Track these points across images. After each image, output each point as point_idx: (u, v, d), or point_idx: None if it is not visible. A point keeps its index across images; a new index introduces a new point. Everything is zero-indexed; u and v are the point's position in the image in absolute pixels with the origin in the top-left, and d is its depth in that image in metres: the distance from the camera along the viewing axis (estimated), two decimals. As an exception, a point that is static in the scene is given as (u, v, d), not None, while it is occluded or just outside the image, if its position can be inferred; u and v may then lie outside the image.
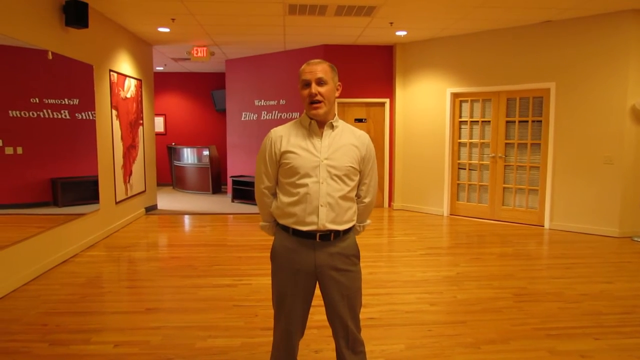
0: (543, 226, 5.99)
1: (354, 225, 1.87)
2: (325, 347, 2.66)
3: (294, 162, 1.74)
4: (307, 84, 1.74)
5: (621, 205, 5.42)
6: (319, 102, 1.73)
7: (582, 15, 5.42)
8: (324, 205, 1.73)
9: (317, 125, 1.78)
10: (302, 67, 1.78)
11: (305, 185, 1.73)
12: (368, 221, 1.98)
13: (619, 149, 5.38)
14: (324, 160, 1.74)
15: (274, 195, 1.87)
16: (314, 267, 1.79)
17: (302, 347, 2.66)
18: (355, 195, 1.87)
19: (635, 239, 5.31)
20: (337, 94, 1.81)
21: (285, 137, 1.79)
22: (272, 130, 1.84)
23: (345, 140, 1.79)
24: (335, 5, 4.97)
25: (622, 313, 3.19)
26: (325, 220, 1.73)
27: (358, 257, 1.88)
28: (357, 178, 1.82)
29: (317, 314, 3.10)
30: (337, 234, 1.78)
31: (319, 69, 1.73)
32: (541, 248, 5.12)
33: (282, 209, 1.80)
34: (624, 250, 4.92)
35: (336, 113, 1.86)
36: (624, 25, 5.25)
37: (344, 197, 1.77)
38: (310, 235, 1.76)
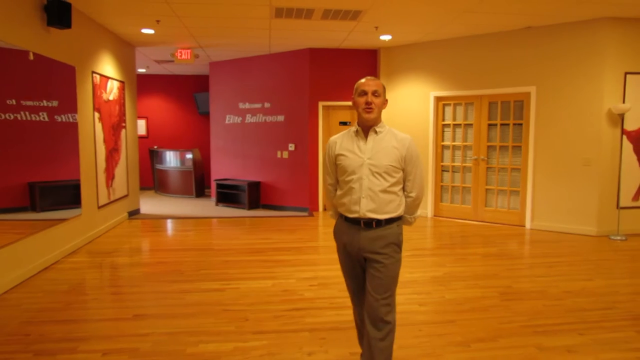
0: (524, 226, 6.13)
1: (399, 217, 2.18)
2: (317, 349, 2.66)
3: (343, 162, 2.17)
4: (364, 93, 2.14)
5: (599, 205, 5.59)
6: (372, 108, 2.14)
7: (561, 21, 5.60)
8: (365, 197, 2.11)
9: (362, 131, 2.18)
10: (361, 80, 2.19)
11: (351, 180, 2.14)
12: (418, 213, 2.31)
13: (596, 151, 5.56)
14: (367, 160, 2.12)
15: (337, 190, 2.29)
16: (358, 249, 2.16)
17: (294, 349, 2.66)
18: (404, 190, 2.21)
19: (613, 237, 5.50)
20: (384, 107, 2.22)
21: (339, 143, 2.23)
22: (330, 139, 2.29)
23: (386, 143, 2.16)
24: (321, 9, 5.00)
25: (604, 309, 3.30)
26: (365, 210, 2.11)
27: (399, 245, 2.18)
28: (398, 175, 2.15)
29: (308, 316, 3.12)
30: (379, 223, 2.12)
31: (375, 83, 2.17)
32: (523, 248, 5.24)
33: (337, 199, 2.24)
34: (602, 248, 5.08)
35: (382, 120, 2.23)
36: (600, 32, 5.44)
37: (385, 191, 2.12)
38: (356, 221, 2.15)
